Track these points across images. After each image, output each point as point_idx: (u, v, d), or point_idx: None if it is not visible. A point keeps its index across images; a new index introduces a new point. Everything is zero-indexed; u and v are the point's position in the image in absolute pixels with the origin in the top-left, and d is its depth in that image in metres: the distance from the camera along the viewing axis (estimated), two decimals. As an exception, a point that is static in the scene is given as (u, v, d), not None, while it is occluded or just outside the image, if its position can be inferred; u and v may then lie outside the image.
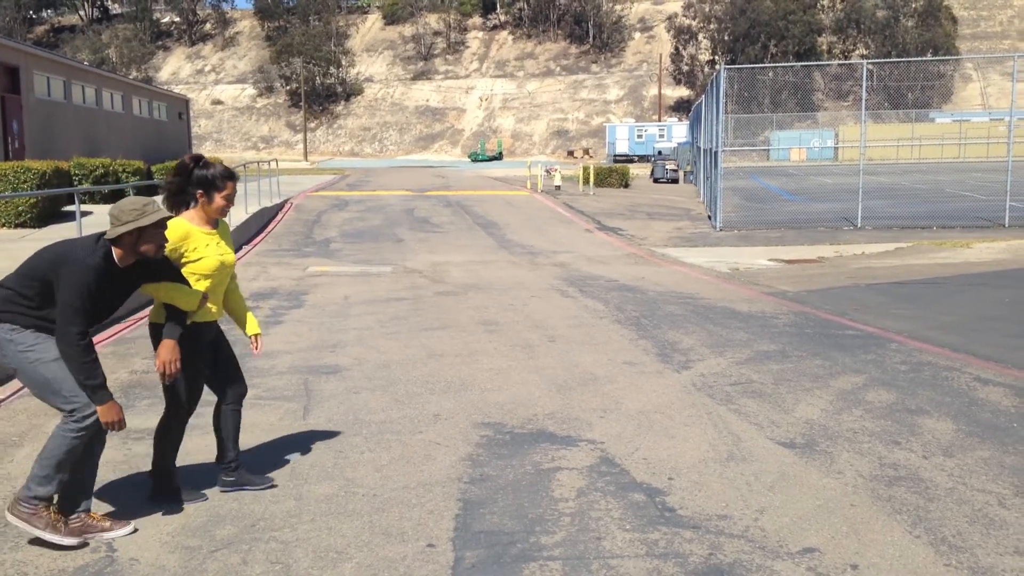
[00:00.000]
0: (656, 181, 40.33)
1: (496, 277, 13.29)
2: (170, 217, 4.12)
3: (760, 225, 20.40)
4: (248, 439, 5.59)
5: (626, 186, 35.38)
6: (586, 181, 33.55)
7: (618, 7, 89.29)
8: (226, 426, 4.70)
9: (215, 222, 4.57)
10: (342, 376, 7.21)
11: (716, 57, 76.22)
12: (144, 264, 4.12)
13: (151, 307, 4.47)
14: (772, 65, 28.12)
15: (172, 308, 4.30)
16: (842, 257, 15.10)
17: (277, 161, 33.97)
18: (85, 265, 3.86)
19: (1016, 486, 4.67)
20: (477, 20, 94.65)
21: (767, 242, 17.55)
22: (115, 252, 3.98)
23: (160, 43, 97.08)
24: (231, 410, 4.71)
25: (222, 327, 4.77)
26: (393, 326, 9.38)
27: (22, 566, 3.86)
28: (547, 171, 35.75)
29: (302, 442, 5.53)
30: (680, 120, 69.08)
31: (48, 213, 18.67)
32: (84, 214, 20.78)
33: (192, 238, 4.42)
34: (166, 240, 4.10)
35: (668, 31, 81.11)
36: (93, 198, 24.01)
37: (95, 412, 3.92)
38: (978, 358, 7.54)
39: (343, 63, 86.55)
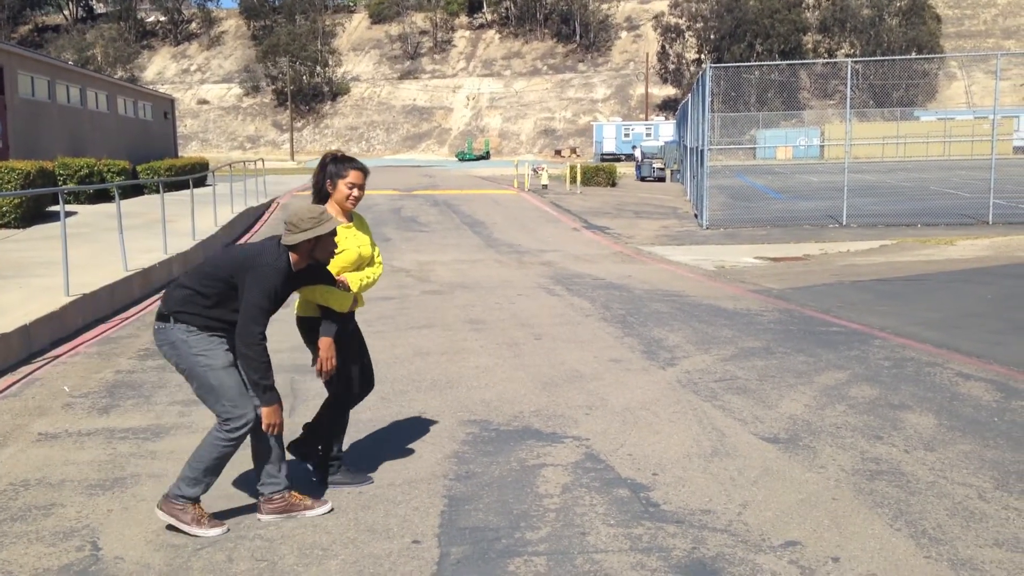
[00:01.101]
0: (643, 180, 40.43)
1: (483, 276, 13.30)
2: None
3: (746, 223, 20.48)
4: (234, 438, 5.59)
5: (613, 185, 35.46)
6: (573, 180, 33.60)
7: (604, 6, 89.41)
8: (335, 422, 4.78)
9: (349, 215, 4.66)
10: (328, 375, 7.20)
11: (702, 56, 76.42)
12: (308, 268, 4.28)
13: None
14: (758, 64, 28.22)
15: (325, 308, 4.46)
16: (827, 255, 15.18)
17: (263, 161, 33.90)
18: (275, 268, 4.05)
19: (996, 479, 4.72)
20: (464, 19, 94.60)
21: (753, 240, 17.62)
22: (291, 257, 4.14)
23: (145, 43, 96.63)
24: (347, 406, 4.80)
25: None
26: (379, 325, 9.38)
27: (6, 564, 3.86)
28: (534, 170, 35.79)
29: (287, 441, 5.52)
30: (667, 119, 69.22)
31: (32, 213, 18.58)
32: (69, 214, 20.66)
33: None
34: (336, 247, 4.27)
35: (655, 30, 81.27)
36: (78, 198, 23.91)
37: (246, 424, 4.09)
38: (960, 354, 7.61)
39: (329, 62, 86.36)
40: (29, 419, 6.05)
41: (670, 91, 79.69)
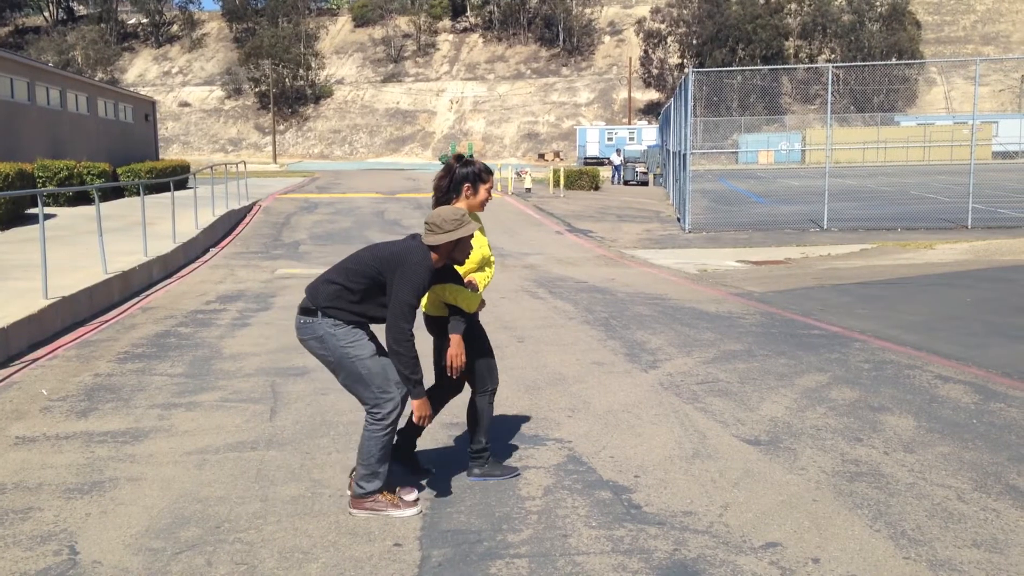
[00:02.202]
0: (626, 183, 40.54)
1: (465, 279, 13.28)
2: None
3: (728, 227, 20.56)
4: (213, 441, 5.56)
5: (596, 188, 35.54)
6: (556, 183, 33.65)
7: (588, 11, 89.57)
8: (478, 415, 4.82)
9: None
10: (310, 378, 7.18)
11: (685, 61, 76.72)
12: (442, 267, 4.41)
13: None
14: (739, 69, 28.32)
15: (453, 307, 4.53)
16: (808, 258, 15.26)
17: (245, 163, 33.80)
18: (425, 267, 4.16)
19: (975, 481, 4.75)
20: (447, 23, 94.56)
21: (735, 244, 17.69)
22: (432, 256, 4.24)
23: (126, 44, 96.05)
24: (486, 401, 4.84)
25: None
26: (362, 328, 9.34)
27: (-18, 570, 3.82)
28: (517, 173, 35.84)
29: (268, 444, 5.51)
30: (650, 123, 69.44)
31: (11, 215, 18.43)
32: (48, 217, 20.52)
33: None
34: (471, 248, 4.38)
35: (637, 35, 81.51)
36: (57, 200, 23.75)
37: (395, 408, 4.24)
38: (940, 356, 7.66)
39: (312, 65, 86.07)
40: (6, 422, 5.99)
41: (653, 95, 79.95)
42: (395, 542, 4.05)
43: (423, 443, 5.49)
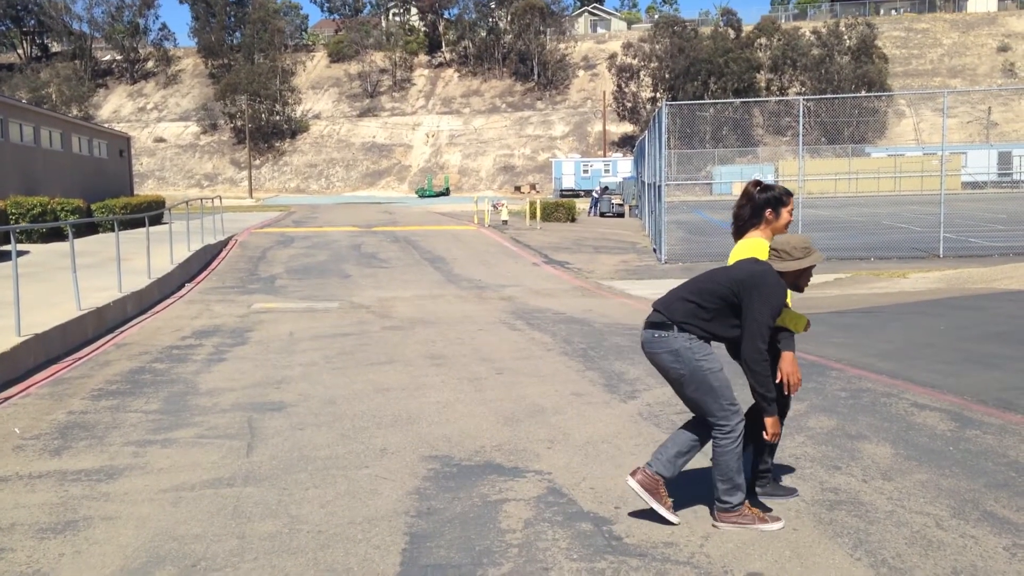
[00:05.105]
0: (602, 215, 40.76)
1: (443, 311, 13.28)
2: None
3: (704, 258, 20.69)
4: (189, 478, 5.50)
5: (572, 220, 35.70)
6: (533, 216, 33.78)
7: (562, 46, 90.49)
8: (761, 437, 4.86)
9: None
10: (287, 412, 7.12)
11: (658, 94, 77.50)
12: None
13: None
14: (712, 102, 28.65)
15: (779, 327, 4.60)
16: (784, 288, 15.35)
17: (221, 198, 33.69)
18: (782, 289, 4.30)
19: (952, 508, 4.77)
20: (423, 58, 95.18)
21: (711, 274, 17.78)
22: None
23: (101, 81, 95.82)
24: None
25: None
26: (339, 361, 9.31)
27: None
28: (494, 206, 35.95)
29: (245, 480, 5.45)
30: (625, 155, 69.97)
31: (-17, 252, 18.24)
32: (21, 253, 20.36)
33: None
34: (811, 277, 4.46)
35: (610, 70, 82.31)
36: (30, 237, 23.56)
37: (741, 420, 4.38)
38: (915, 384, 7.71)
39: (289, 100, 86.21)
40: (-23, 462, 5.89)
41: (627, 128, 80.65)
42: (375, 578, 4.00)
43: (399, 481, 5.44)
